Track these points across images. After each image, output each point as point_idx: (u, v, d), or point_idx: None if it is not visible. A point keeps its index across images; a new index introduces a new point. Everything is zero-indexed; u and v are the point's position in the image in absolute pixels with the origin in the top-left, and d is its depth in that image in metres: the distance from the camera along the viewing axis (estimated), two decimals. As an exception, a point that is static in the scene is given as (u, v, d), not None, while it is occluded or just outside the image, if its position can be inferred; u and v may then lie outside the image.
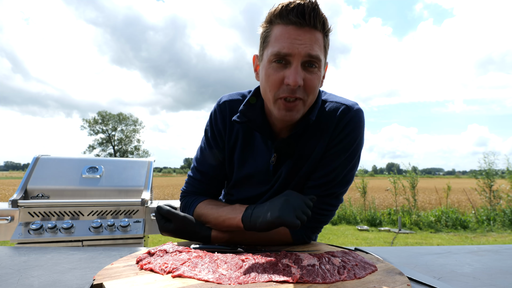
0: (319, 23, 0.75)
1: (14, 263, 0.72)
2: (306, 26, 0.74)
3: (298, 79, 0.73)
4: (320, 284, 0.55)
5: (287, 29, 0.75)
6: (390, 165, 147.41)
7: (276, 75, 0.76)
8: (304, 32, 0.74)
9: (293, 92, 0.75)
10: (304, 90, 0.76)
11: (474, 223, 7.27)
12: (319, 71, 0.78)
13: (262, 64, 0.82)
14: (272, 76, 0.76)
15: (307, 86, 0.76)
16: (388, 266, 0.67)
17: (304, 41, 0.74)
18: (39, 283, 0.59)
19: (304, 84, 0.75)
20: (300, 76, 0.74)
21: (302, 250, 0.80)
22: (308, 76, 0.76)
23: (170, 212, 0.85)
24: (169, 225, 0.86)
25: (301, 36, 0.74)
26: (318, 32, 0.76)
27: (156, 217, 0.88)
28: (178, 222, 0.85)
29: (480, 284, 0.64)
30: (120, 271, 0.59)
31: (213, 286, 0.52)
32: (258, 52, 0.86)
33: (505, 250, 0.96)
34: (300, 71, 0.74)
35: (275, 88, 0.77)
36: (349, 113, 0.84)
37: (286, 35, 0.74)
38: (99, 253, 0.82)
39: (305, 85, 0.76)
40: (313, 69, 0.76)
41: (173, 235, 0.87)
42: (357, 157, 0.87)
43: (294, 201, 0.73)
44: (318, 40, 0.76)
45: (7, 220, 1.80)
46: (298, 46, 0.73)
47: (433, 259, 0.83)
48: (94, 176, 2.10)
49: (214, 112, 0.97)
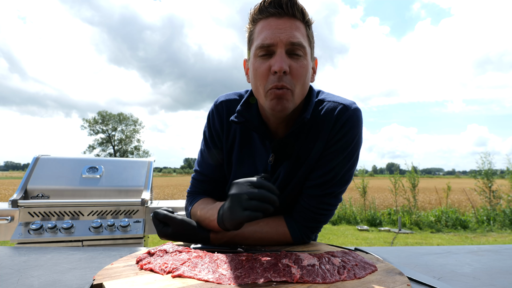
0: (298, 12, 0.77)
1: (14, 263, 0.72)
2: (285, 16, 0.76)
3: (283, 64, 0.74)
4: (320, 284, 0.55)
5: (267, 21, 0.77)
6: (390, 165, 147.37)
7: (262, 67, 0.77)
8: (284, 21, 0.76)
9: (279, 79, 0.75)
10: (291, 78, 0.77)
11: (474, 223, 7.27)
12: (305, 59, 0.79)
13: (250, 62, 0.83)
14: (259, 68, 0.78)
15: (294, 75, 0.77)
16: (388, 266, 0.67)
17: (285, 29, 0.76)
18: (39, 283, 0.59)
19: (290, 72, 0.76)
20: (285, 62, 0.75)
21: (302, 250, 0.80)
22: (294, 63, 0.77)
23: (167, 217, 0.84)
24: (167, 230, 0.84)
25: (281, 25, 0.76)
26: (298, 21, 0.78)
27: (153, 223, 0.87)
28: (176, 226, 0.84)
29: (480, 284, 0.64)
30: (120, 271, 0.59)
31: (213, 286, 0.52)
32: (247, 56, 0.88)
33: (505, 250, 0.96)
34: (285, 58, 0.75)
35: (264, 80, 0.78)
36: (347, 113, 0.84)
37: (267, 27, 0.77)
38: (99, 253, 0.82)
39: (291, 73, 0.77)
40: (298, 57, 0.77)
41: (172, 239, 0.86)
42: (356, 156, 0.87)
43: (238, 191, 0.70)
44: (299, 28, 0.78)
45: (7, 220, 1.80)
46: (280, 35, 0.75)
47: (433, 259, 0.83)
48: (94, 176, 2.10)
49: (211, 113, 0.97)
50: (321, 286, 0.54)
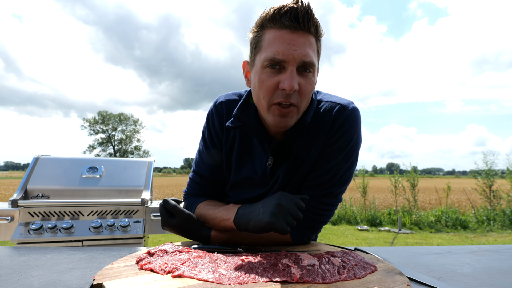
0: (313, 27, 0.75)
1: (14, 263, 0.72)
2: (300, 30, 0.73)
3: (294, 83, 0.72)
4: (320, 284, 0.55)
5: (280, 33, 0.73)
6: (390, 165, 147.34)
7: (270, 81, 0.75)
8: (298, 37, 0.73)
9: (288, 97, 0.74)
10: (299, 96, 0.76)
11: (474, 223, 7.27)
12: (313, 76, 0.78)
13: (254, 70, 0.80)
14: (266, 81, 0.75)
15: (302, 92, 0.76)
16: (388, 266, 0.67)
17: (299, 46, 0.73)
18: (39, 283, 0.59)
19: (299, 89, 0.75)
20: (296, 81, 0.73)
21: (302, 250, 0.80)
22: (303, 81, 0.75)
23: (176, 208, 0.85)
24: (172, 221, 0.85)
25: (295, 41, 0.73)
26: (312, 36, 0.75)
27: (160, 211, 0.88)
28: (182, 219, 0.85)
29: (480, 284, 0.64)
30: (120, 271, 0.59)
31: (213, 286, 0.52)
32: (248, 58, 0.85)
33: (505, 250, 0.96)
34: (295, 76, 0.73)
35: (270, 94, 0.76)
36: (344, 112, 0.83)
37: (280, 40, 0.73)
38: (99, 253, 0.82)
39: (300, 90, 0.75)
40: (308, 74, 0.76)
41: (174, 231, 0.87)
42: (355, 156, 0.87)
43: (286, 204, 0.72)
44: (312, 44, 0.75)
45: (7, 220, 1.80)
46: (293, 52, 0.72)
47: (433, 259, 0.83)
48: (94, 176, 2.10)
49: (210, 113, 0.96)
50: (321, 286, 0.54)
